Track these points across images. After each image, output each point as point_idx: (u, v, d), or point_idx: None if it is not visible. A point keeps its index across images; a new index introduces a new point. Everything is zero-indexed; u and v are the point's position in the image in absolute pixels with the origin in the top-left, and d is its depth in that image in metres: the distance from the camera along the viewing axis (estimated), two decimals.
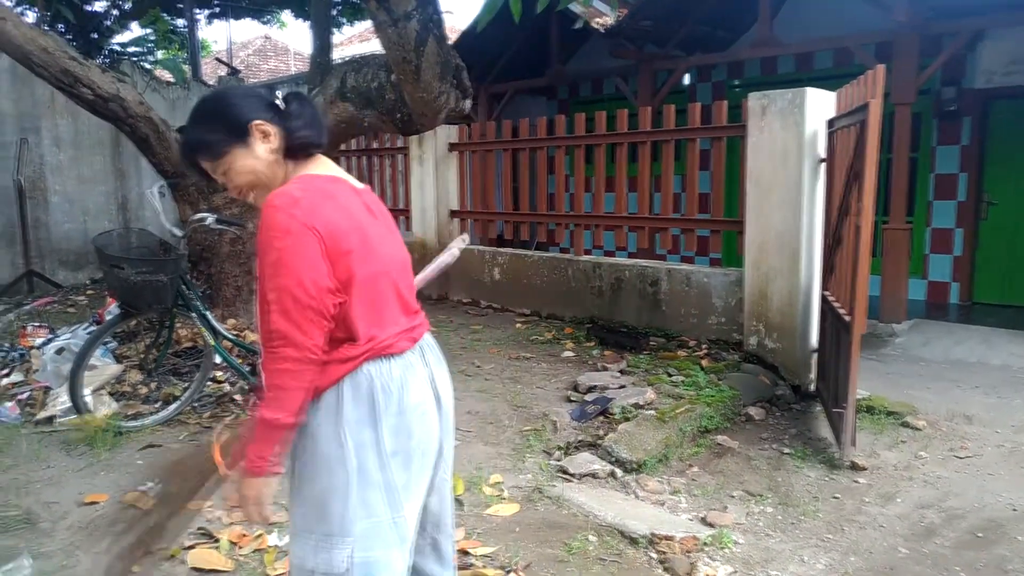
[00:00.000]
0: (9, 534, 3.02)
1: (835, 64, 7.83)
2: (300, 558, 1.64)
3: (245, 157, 1.69)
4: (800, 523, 3.20)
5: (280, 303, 1.53)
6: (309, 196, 1.59)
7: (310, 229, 1.54)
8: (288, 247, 1.53)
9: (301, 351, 1.53)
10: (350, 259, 1.59)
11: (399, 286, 1.73)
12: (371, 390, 1.62)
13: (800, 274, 4.74)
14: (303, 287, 1.53)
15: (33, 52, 4.14)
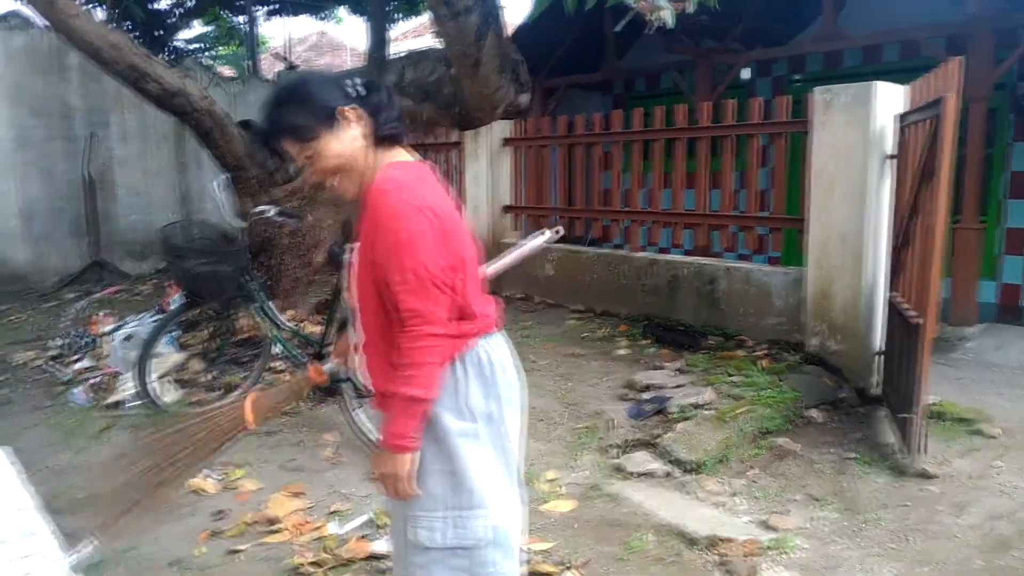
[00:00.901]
0: (78, 514, 3.11)
1: (902, 57, 7.57)
2: (427, 537, 1.68)
3: (333, 142, 1.69)
4: (866, 530, 3.10)
5: (408, 283, 1.58)
6: (412, 180, 1.65)
7: (423, 210, 1.60)
8: (407, 228, 1.58)
9: (434, 326, 1.60)
10: (456, 240, 1.66)
11: (478, 271, 1.80)
12: (488, 364, 1.71)
13: (865, 274, 4.60)
14: (428, 265, 1.58)
15: (103, 48, 4.25)
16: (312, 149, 1.70)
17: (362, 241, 1.68)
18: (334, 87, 1.72)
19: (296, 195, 5.05)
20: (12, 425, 4.11)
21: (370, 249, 1.64)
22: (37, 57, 7.85)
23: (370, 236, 1.64)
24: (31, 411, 4.34)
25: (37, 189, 7.93)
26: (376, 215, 1.62)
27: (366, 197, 1.65)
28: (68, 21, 4.11)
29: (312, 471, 3.53)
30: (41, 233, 7.99)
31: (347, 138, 1.70)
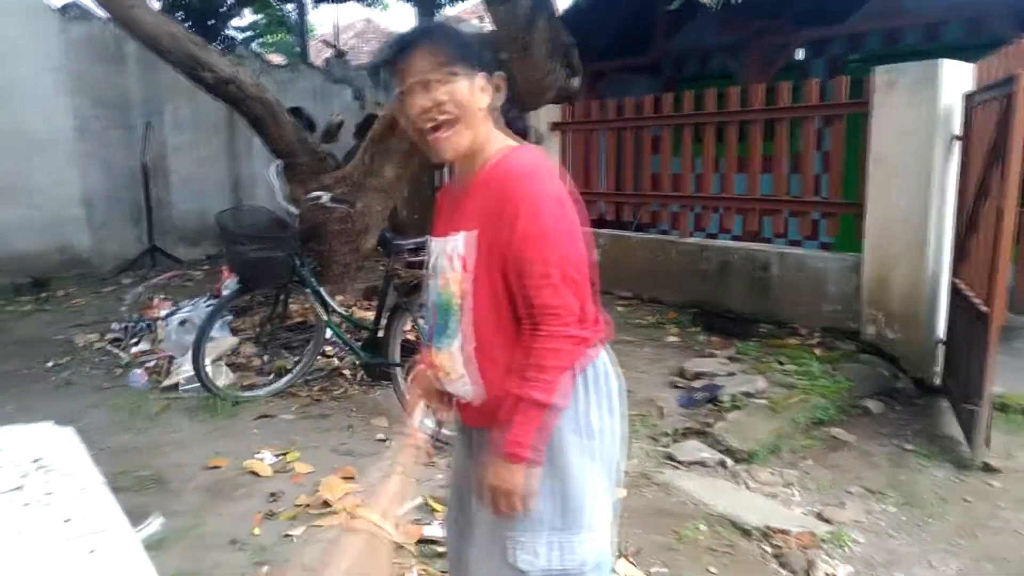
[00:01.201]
0: (142, 492, 3.21)
1: (967, 35, 7.29)
2: (528, 562, 1.52)
3: (469, 92, 1.50)
4: (927, 525, 3.02)
5: (550, 277, 1.43)
6: (548, 169, 1.51)
7: (563, 201, 1.47)
8: (552, 218, 1.44)
9: (570, 327, 1.46)
10: (585, 236, 1.52)
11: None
12: (604, 375, 1.58)
13: (927, 260, 4.46)
14: (570, 259, 1.45)
15: (161, 38, 4.33)
16: (448, 82, 1.48)
17: (482, 227, 1.49)
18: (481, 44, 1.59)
19: (345, 181, 5.09)
20: (75, 405, 4.24)
21: (496, 236, 1.47)
22: (96, 48, 8.04)
23: (499, 223, 1.46)
24: (93, 392, 4.48)
25: (97, 177, 8.15)
26: (512, 201, 1.44)
27: (492, 179, 1.50)
28: (128, 12, 4.19)
29: (362, 455, 3.57)
30: (101, 220, 8.21)
31: (480, 99, 1.52)
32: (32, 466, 2.69)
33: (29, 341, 5.52)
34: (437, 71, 1.48)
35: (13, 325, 5.98)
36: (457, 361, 1.57)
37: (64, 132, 7.87)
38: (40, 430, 3.11)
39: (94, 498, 2.44)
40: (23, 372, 4.83)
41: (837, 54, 8.43)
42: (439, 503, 3.01)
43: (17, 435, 3.01)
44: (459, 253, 1.53)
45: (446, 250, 1.56)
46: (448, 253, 1.56)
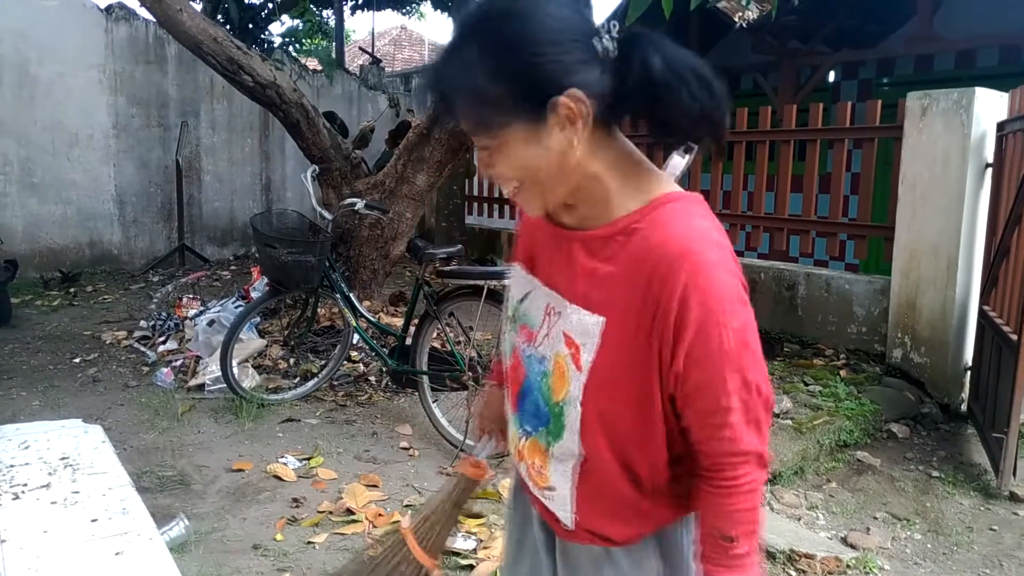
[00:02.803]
0: (166, 493, 3.24)
1: (1001, 62, 7.25)
2: None
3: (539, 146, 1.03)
4: (953, 554, 2.99)
5: (750, 410, 1.04)
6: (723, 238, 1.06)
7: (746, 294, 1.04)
8: (750, 326, 1.03)
9: (764, 473, 1.08)
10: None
11: None
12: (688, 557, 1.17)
13: (956, 285, 4.42)
14: (765, 383, 1.05)
15: (204, 42, 4.40)
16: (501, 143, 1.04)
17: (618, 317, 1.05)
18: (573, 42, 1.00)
19: (378, 188, 5.14)
20: (101, 403, 4.29)
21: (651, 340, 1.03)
22: (138, 47, 8.18)
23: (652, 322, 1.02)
24: (119, 390, 4.52)
25: (131, 175, 8.28)
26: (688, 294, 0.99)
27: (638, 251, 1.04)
28: (173, 15, 4.27)
29: (386, 462, 3.59)
30: (132, 217, 8.33)
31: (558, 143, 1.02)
32: (60, 463, 2.74)
33: (57, 336, 5.59)
34: (482, 133, 1.05)
35: (42, 319, 6.06)
36: (554, 469, 1.17)
37: (102, 129, 8.01)
38: (68, 427, 3.16)
39: (120, 498, 2.47)
40: (50, 368, 4.89)
41: (868, 77, 8.41)
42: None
43: (46, 431, 3.06)
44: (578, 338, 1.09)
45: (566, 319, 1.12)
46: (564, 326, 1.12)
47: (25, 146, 7.55)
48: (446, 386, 3.91)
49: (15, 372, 4.76)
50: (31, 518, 2.29)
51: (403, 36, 24.89)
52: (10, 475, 2.59)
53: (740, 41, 8.48)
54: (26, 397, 4.34)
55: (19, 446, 2.86)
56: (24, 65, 7.47)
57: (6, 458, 2.74)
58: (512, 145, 1.03)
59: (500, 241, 8.42)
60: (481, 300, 3.50)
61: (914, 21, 7.06)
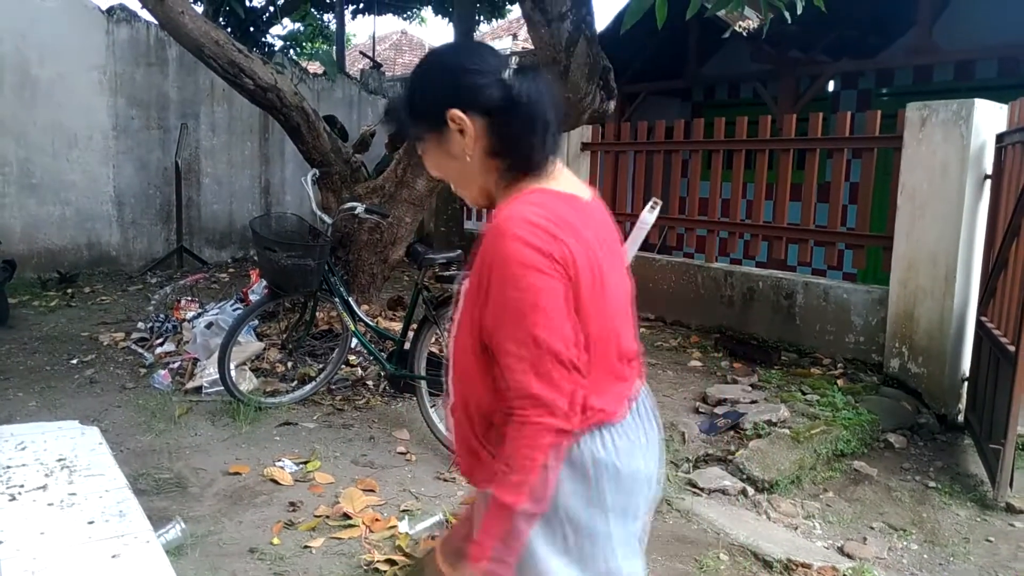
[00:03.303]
0: (163, 495, 3.23)
1: (1000, 74, 7.28)
2: None
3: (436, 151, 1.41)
4: (949, 565, 2.99)
5: (527, 359, 1.23)
6: (549, 220, 1.27)
7: (554, 265, 1.24)
8: (533, 288, 1.23)
9: (556, 419, 1.24)
10: (588, 309, 1.29)
11: (621, 332, 1.41)
12: (587, 468, 1.33)
13: (954, 296, 4.44)
14: (557, 339, 1.24)
15: (206, 44, 4.41)
16: (424, 149, 1.43)
17: (470, 284, 1.33)
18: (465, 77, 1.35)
19: (377, 192, 5.14)
20: (99, 404, 4.28)
21: (477, 300, 1.30)
22: (139, 49, 8.19)
23: (479, 284, 1.29)
24: (116, 391, 4.51)
25: (130, 176, 8.28)
26: (491, 261, 1.26)
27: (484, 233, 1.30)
28: (175, 18, 4.28)
29: (383, 467, 3.58)
30: (131, 218, 8.33)
31: (457, 150, 1.37)
32: (57, 465, 2.73)
33: (55, 337, 5.58)
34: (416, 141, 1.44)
35: (39, 320, 6.05)
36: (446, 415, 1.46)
37: (101, 130, 8.02)
38: (65, 428, 3.15)
39: (117, 501, 2.47)
40: (47, 369, 4.88)
41: (868, 88, 8.45)
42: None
43: (43, 433, 3.05)
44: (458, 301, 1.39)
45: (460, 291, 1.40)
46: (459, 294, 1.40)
47: (24, 147, 7.55)
48: (444, 391, 3.90)
49: (12, 373, 4.75)
50: (28, 520, 2.28)
51: (404, 41, 24.93)
52: (7, 476, 2.58)
53: (739, 50, 8.52)
54: (23, 398, 4.33)
55: (16, 447, 2.86)
56: (24, 66, 7.47)
57: (3, 459, 2.73)
58: (431, 151, 1.42)
59: None
60: None
61: (913, 32, 7.09)
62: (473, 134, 1.35)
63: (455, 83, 1.35)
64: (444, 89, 1.35)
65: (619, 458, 1.35)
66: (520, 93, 1.33)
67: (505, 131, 1.34)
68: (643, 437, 1.43)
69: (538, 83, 1.36)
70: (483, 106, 1.33)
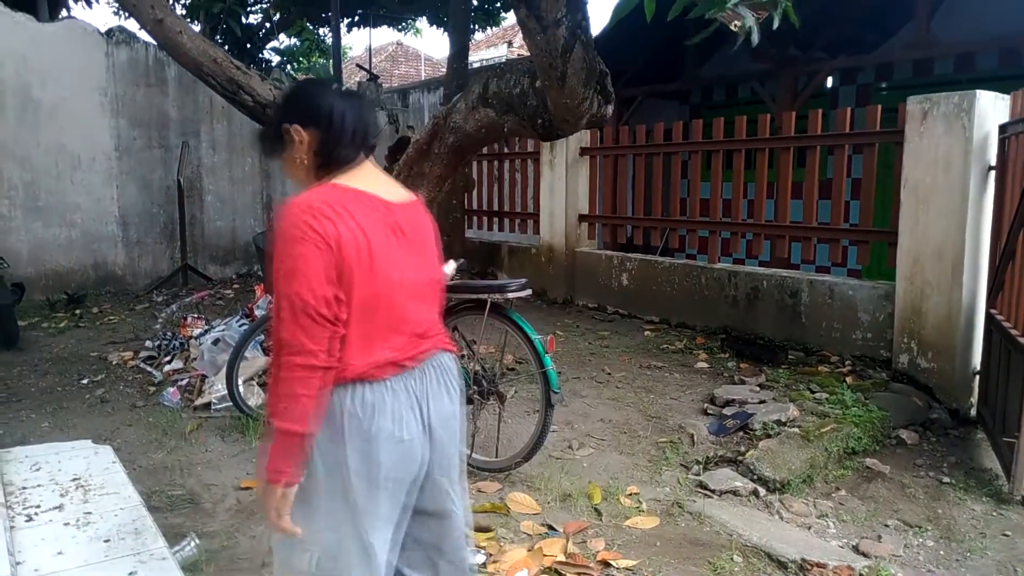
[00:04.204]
0: (176, 512, 3.23)
1: (1000, 65, 7.26)
2: (281, 552, 1.74)
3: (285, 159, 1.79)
4: (966, 560, 2.97)
5: (284, 311, 1.55)
6: (324, 207, 1.59)
7: (317, 235, 1.55)
8: (293, 253, 1.55)
9: (308, 358, 1.53)
10: (353, 278, 1.59)
11: (405, 308, 1.70)
12: (338, 414, 1.61)
13: (962, 289, 4.42)
14: (312, 295, 1.53)
15: (204, 63, 4.43)
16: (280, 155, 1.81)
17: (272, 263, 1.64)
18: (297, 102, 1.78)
19: None
20: (110, 423, 4.29)
21: (272, 265, 1.61)
22: (139, 70, 8.24)
23: (273, 252, 1.61)
24: (127, 410, 4.53)
25: (134, 195, 8.32)
26: (278, 234, 1.59)
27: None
28: (173, 38, 4.30)
29: None
30: (136, 238, 8.37)
31: (295, 155, 1.76)
32: (72, 484, 2.75)
33: (64, 358, 5.61)
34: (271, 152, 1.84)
35: (49, 342, 6.08)
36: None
37: (104, 152, 8.06)
38: (79, 448, 3.17)
39: (132, 519, 2.48)
40: (58, 389, 4.90)
41: (867, 83, 8.43)
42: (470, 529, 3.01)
43: (57, 453, 3.07)
44: None
45: None
46: None
47: (29, 170, 7.60)
48: None
49: (24, 394, 4.77)
50: (46, 539, 2.30)
51: (399, 52, 25.03)
52: (23, 497, 2.60)
53: (737, 50, 8.51)
54: (35, 419, 4.35)
55: (31, 468, 2.87)
56: (26, 89, 7.53)
57: (18, 480, 2.75)
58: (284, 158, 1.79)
59: (501, 254, 8.44)
60: (484, 314, 3.51)
61: (912, 25, 7.09)
62: (306, 143, 1.73)
63: (296, 106, 1.76)
64: (288, 110, 1.77)
65: (363, 411, 1.62)
66: (335, 113, 1.71)
67: (322, 140, 1.72)
68: (408, 410, 1.68)
69: (352, 104, 1.76)
70: (312, 122, 1.72)
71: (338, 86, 1.93)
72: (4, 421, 4.21)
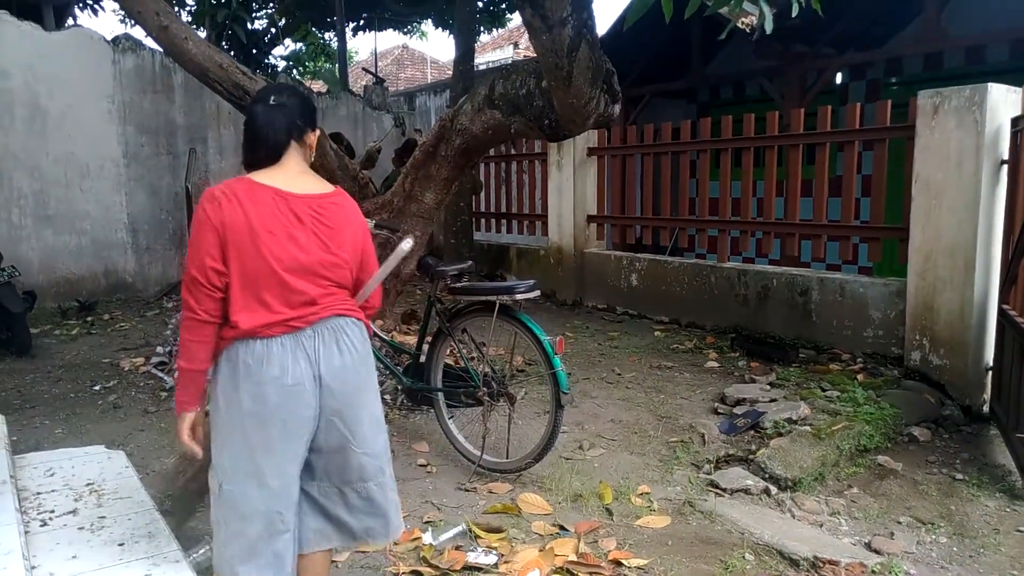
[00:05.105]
0: (190, 516, 3.23)
1: (1012, 57, 7.20)
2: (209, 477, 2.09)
3: None
4: (980, 557, 2.95)
5: (185, 276, 1.97)
6: (220, 196, 1.97)
7: (208, 217, 1.94)
8: (194, 233, 1.98)
9: (193, 314, 1.95)
10: (236, 254, 1.94)
11: (293, 280, 1.99)
12: (235, 362, 1.99)
13: (974, 285, 4.39)
14: (197, 267, 1.94)
15: (210, 69, 4.43)
16: None
17: None
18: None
19: (386, 207, 5.14)
20: (123, 429, 4.31)
21: None
22: (145, 77, 8.28)
23: None
24: (139, 415, 4.55)
25: (143, 202, 8.36)
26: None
27: None
28: (179, 44, 4.30)
29: (404, 480, 3.57)
30: (145, 244, 8.40)
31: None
32: (85, 489, 2.76)
33: (77, 365, 5.63)
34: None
35: (61, 349, 6.11)
36: None
37: (112, 159, 8.10)
38: (92, 453, 3.18)
39: (146, 522, 2.49)
40: (71, 396, 4.93)
41: (877, 78, 8.39)
42: (482, 530, 3.01)
43: (70, 458, 3.08)
44: None
45: None
46: None
47: (39, 179, 7.65)
48: (461, 402, 3.91)
49: (38, 401, 4.80)
50: (60, 544, 2.31)
51: (405, 55, 25.07)
52: (37, 502, 2.61)
53: (744, 47, 8.49)
54: (49, 425, 4.37)
55: (45, 473, 2.89)
56: (34, 99, 7.57)
57: (32, 485, 2.76)
58: None
59: (509, 256, 8.44)
60: (494, 316, 3.51)
61: (922, 19, 7.04)
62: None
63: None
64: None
65: (254, 361, 1.97)
66: (249, 121, 2.07)
67: (243, 142, 2.10)
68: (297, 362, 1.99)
69: (259, 108, 2.07)
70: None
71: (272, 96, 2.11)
72: (19, 428, 4.24)
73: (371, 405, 2.15)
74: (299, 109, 2.11)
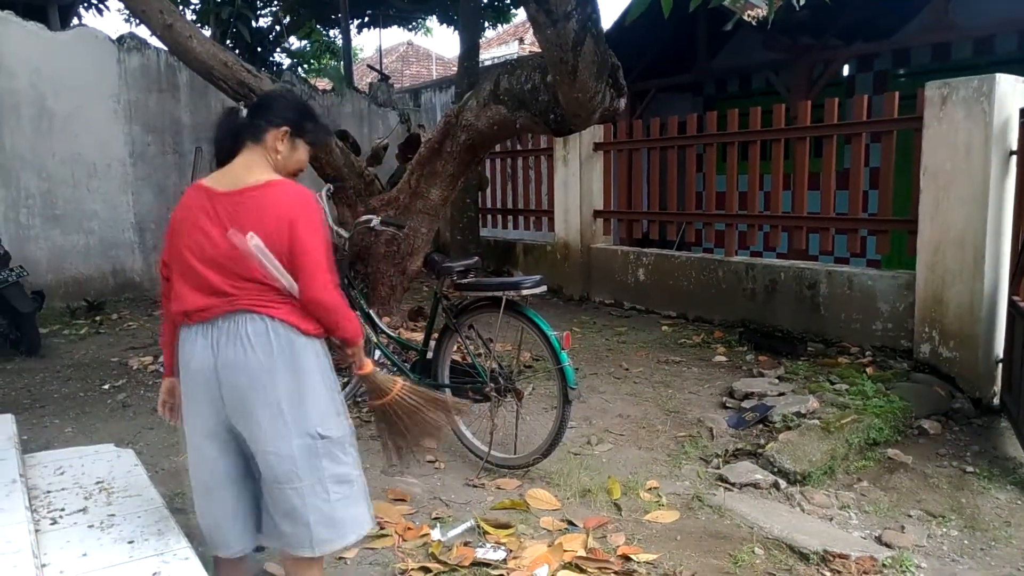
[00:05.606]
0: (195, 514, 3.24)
1: (1020, 48, 7.14)
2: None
3: None
4: (991, 549, 2.93)
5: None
6: (182, 198, 2.20)
7: (171, 221, 2.20)
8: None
9: (161, 300, 2.33)
10: (170, 248, 2.18)
11: (202, 272, 2.09)
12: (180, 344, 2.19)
13: (984, 277, 4.36)
14: (164, 254, 2.24)
15: (215, 67, 4.45)
16: None
17: None
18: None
19: (392, 204, 5.15)
20: (132, 427, 4.32)
21: None
22: (151, 76, 8.29)
23: None
24: (148, 414, 4.55)
25: (149, 202, 8.37)
26: None
27: None
28: (184, 43, 4.33)
29: (413, 476, 3.58)
30: (152, 244, 8.42)
31: None
32: (95, 487, 2.77)
33: (86, 364, 5.65)
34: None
35: (70, 348, 6.14)
36: None
37: (119, 159, 8.12)
38: (102, 452, 3.19)
39: (155, 520, 2.50)
40: (80, 395, 4.95)
41: (884, 69, 8.34)
42: (491, 526, 3.01)
43: (80, 457, 3.10)
44: None
45: None
46: None
47: (46, 179, 7.67)
48: (469, 398, 3.90)
49: (47, 400, 4.82)
50: (70, 542, 2.32)
51: (410, 52, 25.07)
52: (47, 500, 2.63)
53: (750, 39, 8.45)
54: (59, 424, 4.39)
55: (55, 472, 2.90)
56: (40, 99, 7.59)
57: (43, 484, 2.77)
58: None
59: (516, 252, 8.43)
60: (500, 311, 3.50)
61: (929, 9, 6.99)
62: None
63: None
64: None
65: (180, 346, 2.17)
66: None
67: None
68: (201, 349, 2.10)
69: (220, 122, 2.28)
70: None
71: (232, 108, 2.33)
72: (28, 427, 4.25)
73: (275, 404, 2.07)
74: (257, 110, 2.22)
